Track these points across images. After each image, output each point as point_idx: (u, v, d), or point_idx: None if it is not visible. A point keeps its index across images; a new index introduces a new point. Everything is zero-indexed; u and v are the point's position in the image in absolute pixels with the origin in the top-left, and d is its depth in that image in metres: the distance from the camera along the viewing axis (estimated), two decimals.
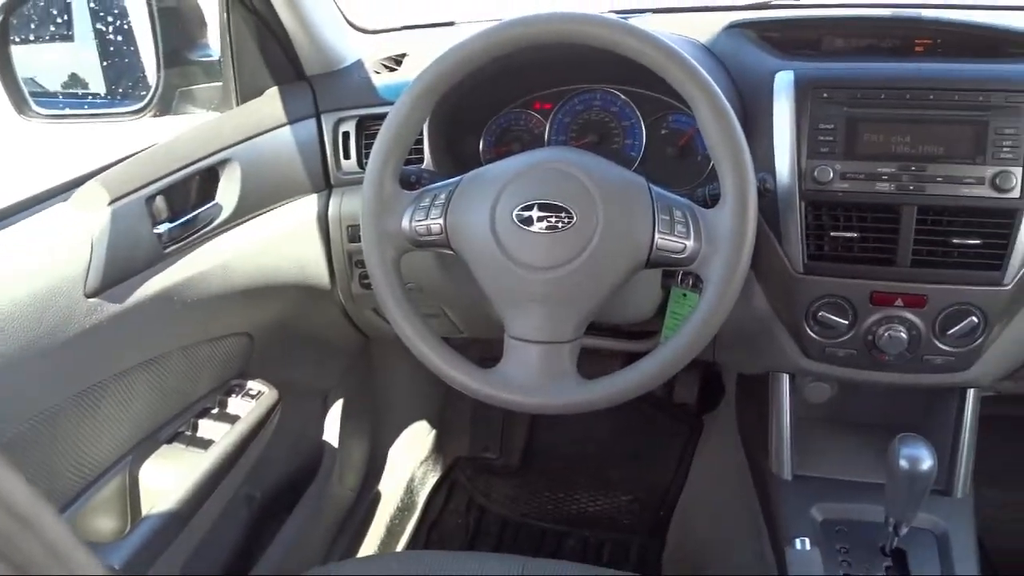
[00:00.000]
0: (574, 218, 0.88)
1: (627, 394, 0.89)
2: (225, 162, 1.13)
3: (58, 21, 1.34)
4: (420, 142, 1.16)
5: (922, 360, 1.06)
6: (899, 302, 1.03)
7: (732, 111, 0.86)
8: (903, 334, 1.03)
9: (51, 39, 1.34)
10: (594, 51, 0.88)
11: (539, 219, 0.89)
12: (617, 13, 1.25)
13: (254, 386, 1.27)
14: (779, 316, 1.13)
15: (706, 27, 1.22)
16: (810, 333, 1.09)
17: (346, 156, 1.28)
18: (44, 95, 1.34)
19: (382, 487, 1.84)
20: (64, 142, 1.33)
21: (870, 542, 1.10)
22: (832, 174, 1.01)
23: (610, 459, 1.97)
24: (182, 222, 1.06)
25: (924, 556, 1.09)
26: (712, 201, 0.91)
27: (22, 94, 1.21)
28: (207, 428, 1.18)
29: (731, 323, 0.88)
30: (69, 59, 1.36)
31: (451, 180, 0.97)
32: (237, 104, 1.28)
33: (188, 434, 1.17)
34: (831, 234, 1.03)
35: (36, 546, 0.30)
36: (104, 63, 1.35)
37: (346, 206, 1.28)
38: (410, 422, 1.95)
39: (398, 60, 1.36)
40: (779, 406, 1.21)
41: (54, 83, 1.38)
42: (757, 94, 1.07)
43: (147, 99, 1.31)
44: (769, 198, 1.03)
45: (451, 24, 1.55)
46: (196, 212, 1.09)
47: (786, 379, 1.21)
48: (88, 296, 0.92)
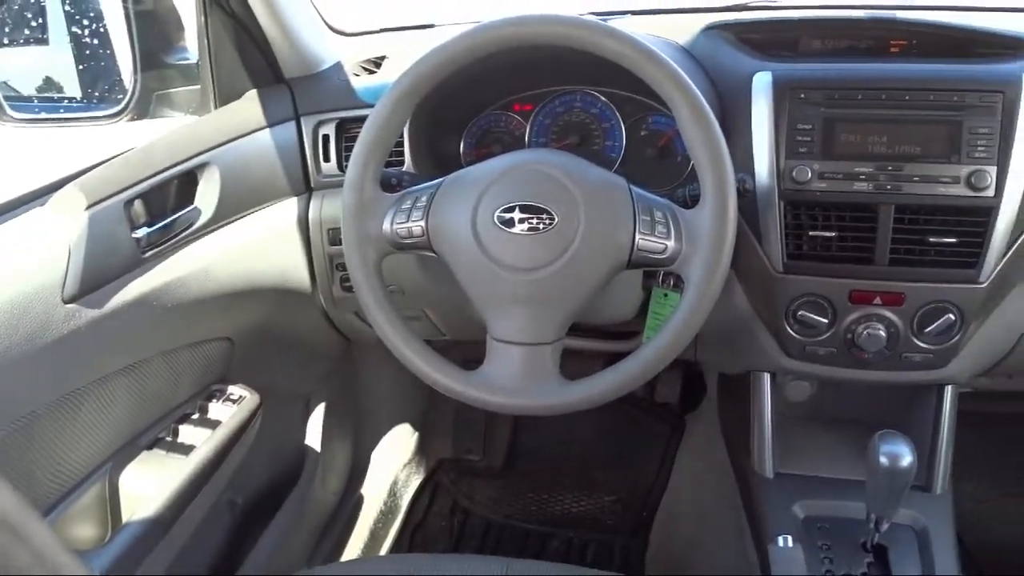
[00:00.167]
0: (555, 219, 0.88)
1: (610, 395, 0.89)
2: (204, 166, 1.12)
3: (32, 24, 1.32)
4: (401, 144, 1.16)
5: (901, 358, 1.07)
6: (877, 300, 1.04)
7: (711, 112, 0.86)
8: (882, 332, 1.04)
9: (25, 42, 1.32)
10: (574, 53, 0.88)
11: (521, 221, 0.89)
12: (596, 15, 1.26)
13: (235, 391, 1.26)
14: (760, 315, 1.14)
15: (684, 29, 1.23)
16: (790, 332, 1.10)
17: (326, 159, 1.27)
18: (19, 99, 1.32)
19: (365, 490, 1.83)
20: (40, 147, 1.31)
21: (851, 538, 1.11)
22: (810, 174, 1.01)
23: (593, 460, 1.97)
24: (161, 226, 1.05)
25: (904, 552, 1.10)
26: (692, 201, 0.91)
27: None
28: (188, 434, 1.17)
29: (712, 323, 0.88)
30: (44, 62, 1.34)
31: (432, 182, 0.97)
32: (215, 107, 1.27)
33: (169, 440, 1.16)
34: (810, 234, 1.04)
35: (23, 552, 0.30)
36: (80, 66, 1.33)
37: (327, 209, 1.27)
38: (393, 425, 1.95)
39: (377, 62, 1.35)
40: (760, 405, 1.22)
41: (29, 87, 1.36)
42: (735, 95, 1.08)
43: (124, 103, 1.30)
44: (748, 198, 1.04)
45: (430, 27, 1.55)
46: (175, 216, 1.08)
47: (767, 378, 1.22)
48: (66, 302, 0.91)
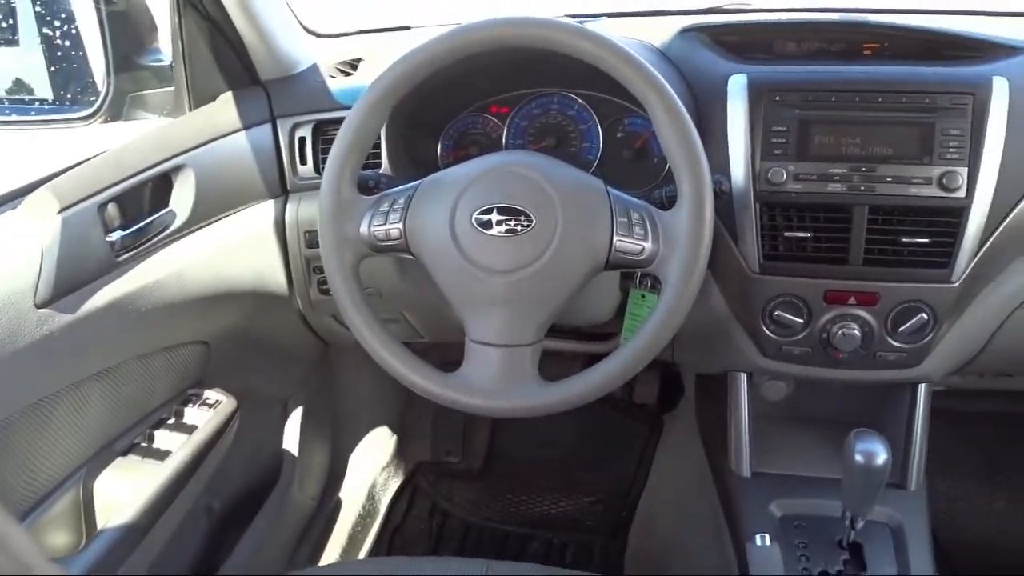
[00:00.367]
0: (533, 221, 0.88)
1: (588, 396, 0.90)
2: (179, 168, 1.11)
3: (2, 25, 1.31)
4: (378, 146, 1.15)
5: (875, 357, 1.09)
6: (852, 300, 1.05)
7: (687, 114, 0.87)
8: (856, 332, 1.06)
9: None
10: (551, 55, 0.89)
11: (498, 223, 0.89)
12: (573, 17, 1.26)
13: (212, 395, 1.25)
14: (736, 316, 1.15)
15: (660, 31, 1.23)
16: (767, 332, 1.10)
17: (302, 161, 1.26)
18: None
19: (343, 494, 1.82)
20: (11, 149, 1.29)
21: (828, 536, 1.12)
22: (785, 175, 1.02)
23: (572, 461, 1.98)
24: (135, 230, 1.04)
25: (880, 549, 1.11)
26: (669, 203, 0.92)
27: None
28: (164, 439, 1.16)
29: (690, 323, 0.89)
30: (14, 64, 1.33)
31: (410, 184, 0.96)
32: (190, 109, 1.26)
33: (144, 445, 1.15)
34: (785, 234, 1.05)
35: (1, 558, 0.30)
36: (51, 68, 1.32)
37: (303, 212, 1.26)
38: (371, 428, 1.94)
39: (354, 64, 1.35)
40: (737, 405, 1.23)
41: None
42: (711, 97, 1.08)
43: (97, 105, 1.29)
44: (725, 199, 1.04)
45: (407, 28, 1.54)
46: (150, 219, 1.07)
47: (744, 378, 1.23)
48: (39, 306, 0.90)
